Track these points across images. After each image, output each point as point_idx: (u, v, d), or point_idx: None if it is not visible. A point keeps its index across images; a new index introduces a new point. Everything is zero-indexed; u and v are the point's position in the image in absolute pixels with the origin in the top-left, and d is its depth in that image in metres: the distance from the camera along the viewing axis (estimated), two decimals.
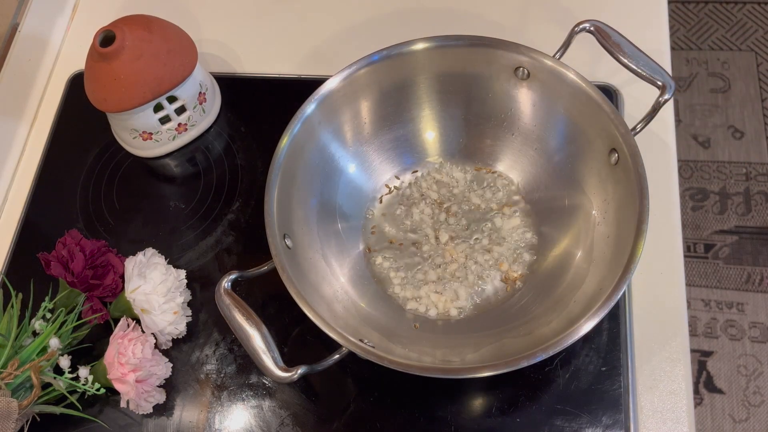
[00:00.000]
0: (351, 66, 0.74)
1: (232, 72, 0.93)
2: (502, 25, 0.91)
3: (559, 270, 0.72)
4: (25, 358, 0.68)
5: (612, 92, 0.83)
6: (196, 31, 0.92)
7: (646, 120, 0.72)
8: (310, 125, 0.73)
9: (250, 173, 0.85)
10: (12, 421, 0.63)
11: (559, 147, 0.76)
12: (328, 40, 0.93)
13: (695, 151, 1.72)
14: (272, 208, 0.68)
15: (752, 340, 1.51)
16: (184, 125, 0.85)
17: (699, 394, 1.47)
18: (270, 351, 0.62)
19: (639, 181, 0.65)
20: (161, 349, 0.74)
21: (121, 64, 0.77)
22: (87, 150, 0.89)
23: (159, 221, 0.84)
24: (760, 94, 1.77)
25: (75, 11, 1.01)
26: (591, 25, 0.74)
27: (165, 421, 0.72)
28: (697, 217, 1.65)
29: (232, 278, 0.66)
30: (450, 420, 0.69)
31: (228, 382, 0.74)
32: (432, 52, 0.75)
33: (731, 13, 1.88)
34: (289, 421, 0.71)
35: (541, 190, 0.78)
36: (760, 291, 1.56)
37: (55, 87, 0.95)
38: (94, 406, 0.73)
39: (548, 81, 0.73)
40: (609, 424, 0.67)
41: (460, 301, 0.74)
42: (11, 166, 0.89)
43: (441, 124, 0.80)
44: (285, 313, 0.75)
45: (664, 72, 0.71)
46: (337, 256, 0.76)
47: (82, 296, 0.72)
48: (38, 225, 0.85)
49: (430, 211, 0.79)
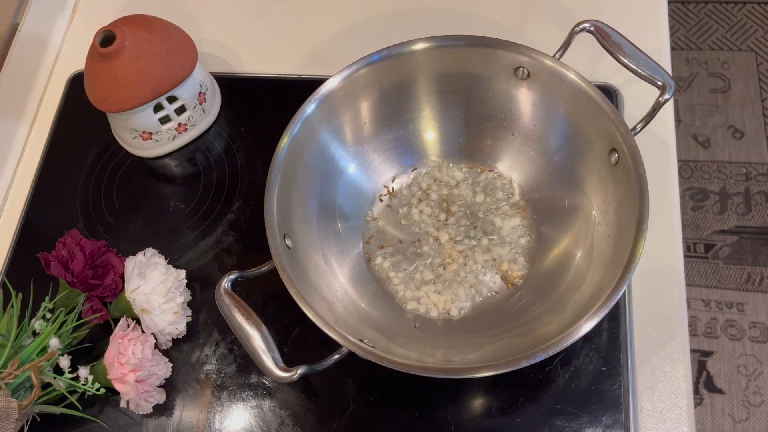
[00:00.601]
0: (351, 66, 0.74)
1: (232, 72, 0.93)
2: (502, 25, 0.91)
3: (559, 270, 0.72)
4: (25, 358, 0.68)
5: (612, 92, 0.83)
6: (196, 31, 0.92)
7: (646, 120, 0.72)
8: (310, 125, 0.73)
9: (250, 173, 0.85)
10: (12, 421, 0.63)
11: (559, 147, 0.76)
12: (328, 40, 0.93)
13: (695, 151, 1.72)
14: (272, 208, 0.68)
15: (752, 340, 1.51)
16: (184, 125, 0.85)
17: (699, 394, 1.47)
18: (270, 351, 0.62)
19: (639, 181, 0.65)
20: (161, 349, 0.74)
21: (121, 64, 0.77)
22: (87, 150, 0.89)
23: (159, 221, 0.84)
24: (760, 94, 1.77)
25: (75, 11, 1.01)
26: (591, 25, 0.74)
27: (165, 421, 0.72)
28: (697, 217, 1.65)
29: (232, 278, 0.66)
30: (450, 420, 0.69)
31: (228, 382, 0.74)
32: (432, 52, 0.75)
33: (731, 13, 1.88)
34: (289, 421, 0.71)
35: (541, 190, 0.78)
36: (760, 291, 1.56)
37: (55, 87, 0.95)
38: (94, 406, 0.73)
39: (548, 81, 0.73)
40: (609, 424, 0.67)
41: (460, 301, 0.74)
42: (11, 166, 0.89)
43: (441, 124, 0.80)
44: (285, 313, 0.75)
45: (664, 72, 0.71)
46: (337, 256, 0.76)
47: (82, 296, 0.72)
48: (38, 225, 0.85)
49: (430, 211, 0.79)
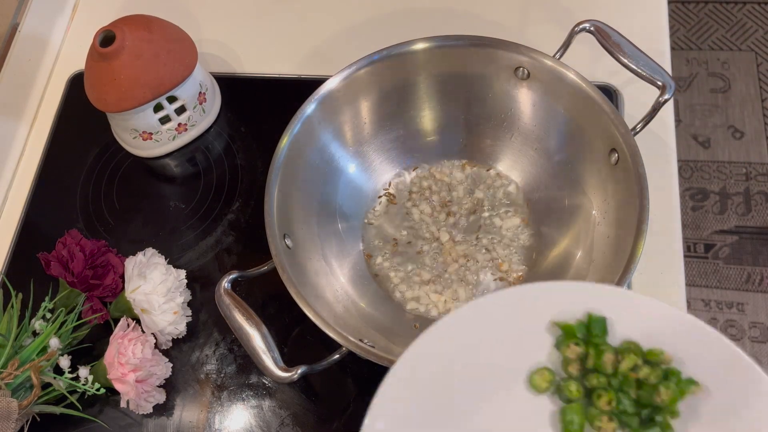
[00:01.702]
0: (351, 66, 0.74)
1: (232, 72, 0.93)
2: (502, 25, 0.91)
3: (559, 270, 0.72)
4: (25, 358, 0.68)
5: (612, 92, 0.83)
6: (196, 31, 0.92)
7: (646, 120, 0.72)
8: (310, 125, 0.73)
9: (250, 173, 0.85)
10: (12, 421, 0.63)
11: (559, 147, 0.76)
12: (328, 40, 0.93)
13: (695, 151, 1.72)
14: (272, 208, 0.68)
15: (752, 340, 1.51)
16: (184, 125, 0.85)
17: None
18: (270, 351, 0.62)
19: (639, 181, 0.65)
20: (161, 349, 0.74)
21: (121, 64, 0.77)
22: (87, 150, 0.89)
23: (159, 221, 0.84)
24: (760, 94, 1.77)
25: (75, 11, 1.01)
26: (591, 25, 0.74)
27: (165, 421, 0.72)
28: (697, 217, 1.65)
29: (232, 278, 0.66)
30: None
31: (228, 382, 0.74)
32: (432, 52, 0.75)
33: (731, 13, 1.88)
34: (289, 421, 0.71)
35: (541, 190, 0.78)
36: (760, 291, 1.56)
37: (55, 87, 0.95)
38: (94, 406, 0.73)
39: (548, 81, 0.73)
40: None
41: (460, 301, 0.74)
42: (11, 166, 0.89)
43: (441, 124, 0.80)
44: (285, 313, 0.75)
45: (664, 72, 0.71)
46: (337, 256, 0.76)
47: (82, 296, 0.72)
48: (38, 225, 0.85)
49: (430, 211, 0.79)
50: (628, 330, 0.52)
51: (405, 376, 0.51)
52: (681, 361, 0.51)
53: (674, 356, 0.51)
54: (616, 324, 0.52)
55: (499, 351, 0.53)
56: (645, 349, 0.52)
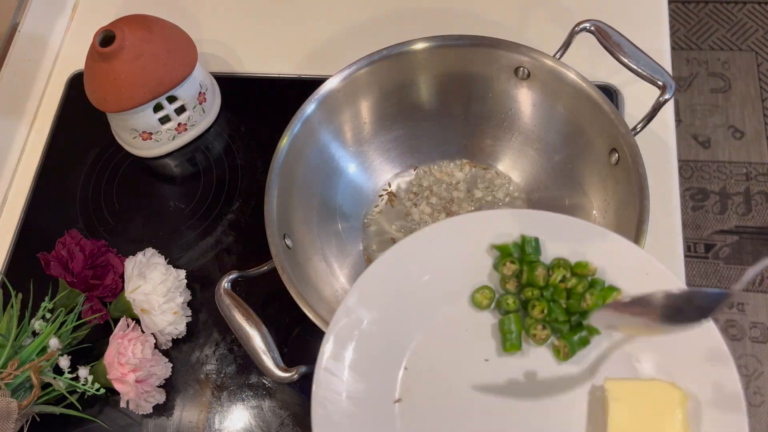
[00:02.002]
0: (351, 66, 0.74)
1: (232, 72, 0.93)
2: (502, 25, 0.91)
3: None
4: (25, 358, 0.68)
5: (612, 92, 0.83)
6: (196, 31, 0.92)
7: (647, 120, 0.72)
8: (310, 125, 0.73)
9: (250, 173, 0.85)
10: (12, 421, 0.63)
11: (559, 147, 0.76)
12: (328, 40, 0.93)
13: (695, 151, 1.72)
14: (272, 208, 0.68)
15: (753, 341, 1.51)
16: (184, 125, 0.85)
17: None
18: (270, 351, 0.62)
19: (639, 181, 0.65)
20: (161, 349, 0.74)
21: (121, 64, 0.77)
22: (87, 150, 0.89)
23: (159, 221, 0.84)
24: (760, 94, 1.77)
25: (75, 11, 1.01)
26: (591, 24, 0.74)
27: (165, 421, 0.72)
28: (697, 217, 1.65)
29: (232, 278, 0.66)
30: None
31: (228, 382, 0.74)
32: (432, 52, 0.75)
33: (731, 13, 1.88)
34: (289, 421, 0.71)
35: (541, 190, 0.78)
36: (761, 291, 1.56)
37: (54, 87, 0.95)
38: (94, 406, 0.73)
39: (548, 81, 0.73)
40: None
41: None
42: (11, 166, 0.89)
43: (441, 124, 0.80)
44: (285, 313, 0.75)
45: (664, 72, 0.71)
46: (337, 256, 0.76)
47: (82, 296, 0.72)
48: (38, 225, 0.85)
49: (430, 210, 0.79)
50: (558, 248, 0.60)
51: (368, 292, 0.59)
52: (603, 271, 0.59)
53: (598, 267, 0.59)
54: (547, 243, 0.60)
55: (445, 274, 0.60)
56: (573, 263, 0.59)
